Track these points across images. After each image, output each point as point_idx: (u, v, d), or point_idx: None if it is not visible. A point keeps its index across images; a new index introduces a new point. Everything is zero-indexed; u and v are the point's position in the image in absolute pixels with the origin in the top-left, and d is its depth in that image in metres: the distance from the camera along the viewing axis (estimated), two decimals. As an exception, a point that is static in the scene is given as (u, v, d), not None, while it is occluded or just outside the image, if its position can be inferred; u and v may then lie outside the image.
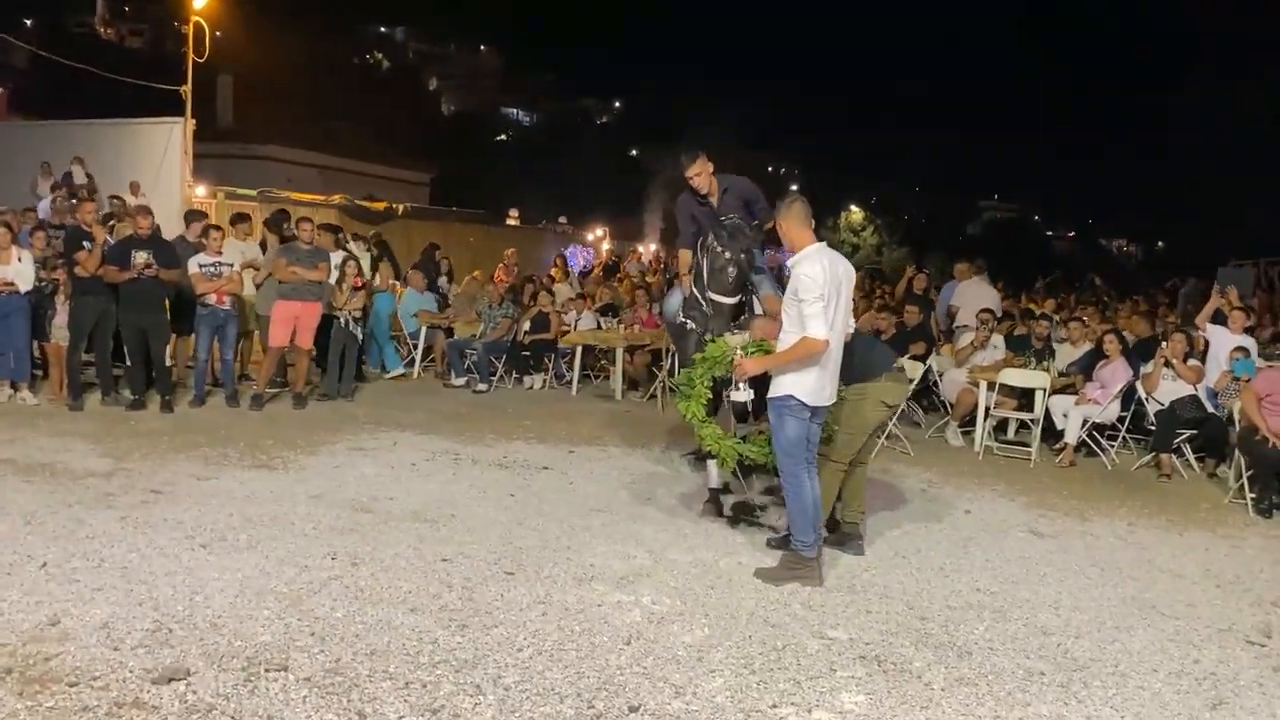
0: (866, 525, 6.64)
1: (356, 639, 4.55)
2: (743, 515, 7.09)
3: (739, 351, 5.97)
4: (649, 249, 29.88)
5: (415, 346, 13.36)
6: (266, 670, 4.17)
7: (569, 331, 13.19)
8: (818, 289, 5.41)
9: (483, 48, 70.42)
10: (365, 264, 12.62)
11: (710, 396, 6.27)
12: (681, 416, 6.47)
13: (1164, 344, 10.17)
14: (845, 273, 5.67)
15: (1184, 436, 9.80)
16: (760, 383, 5.85)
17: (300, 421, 9.67)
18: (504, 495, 7.26)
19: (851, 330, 6.00)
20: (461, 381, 12.50)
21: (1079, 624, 5.41)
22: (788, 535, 6.12)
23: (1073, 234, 72.97)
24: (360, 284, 11.16)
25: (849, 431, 6.08)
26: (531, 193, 35.08)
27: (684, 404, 6.27)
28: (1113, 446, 10.17)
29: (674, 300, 7.60)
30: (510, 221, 27.76)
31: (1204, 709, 4.47)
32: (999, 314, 12.11)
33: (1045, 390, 10.23)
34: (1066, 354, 10.92)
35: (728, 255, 6.49)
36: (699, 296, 6.80)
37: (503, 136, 62.14)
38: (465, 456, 8.48)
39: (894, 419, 6.35)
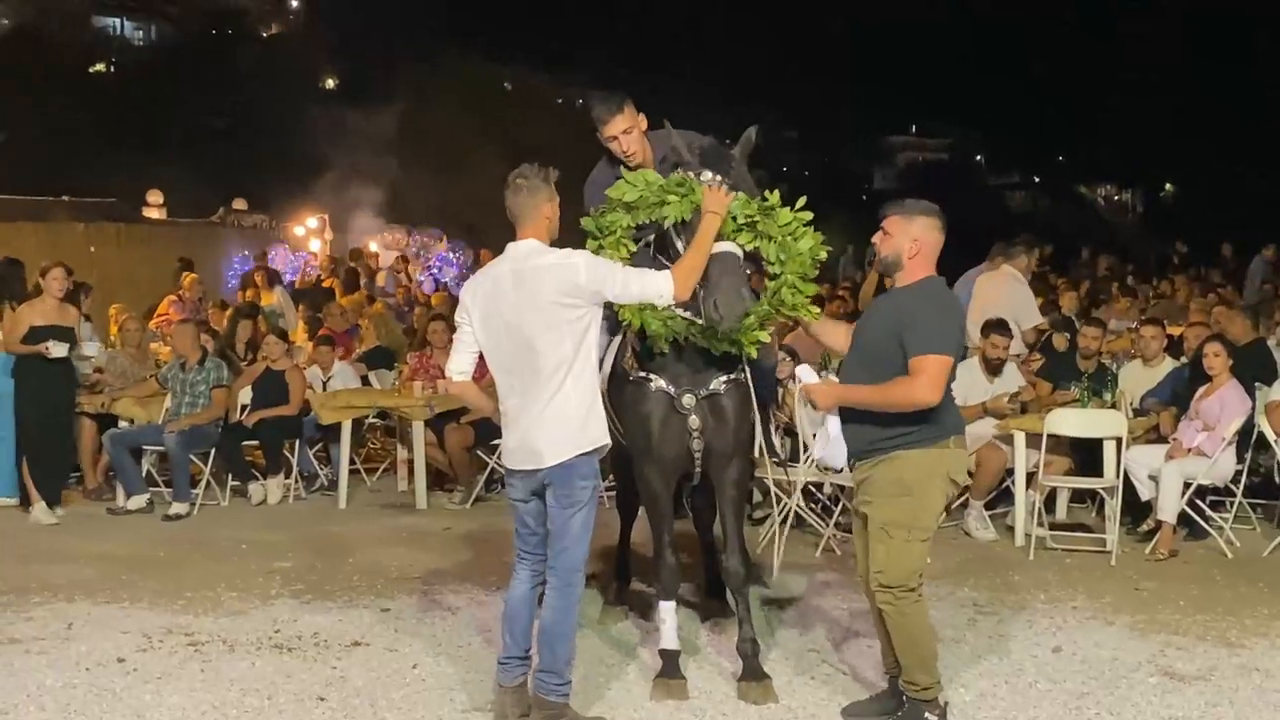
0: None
1: None
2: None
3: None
4: (391, 240, 18.12)
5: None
6: None
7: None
8: None
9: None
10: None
11: (634, 249, 4.75)
12: None
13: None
14: None
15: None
16: None
17: None
18: (308, 700, 4.85)
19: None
20: (142, 501, 7.71)
21: None
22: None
23: (1034, 180, 46.23)
24: None
25: (920, 530, 4.20)
26: (173, 160, 20.71)
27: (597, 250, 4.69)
28: (1225, 520, 7.06)
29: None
30: (151, 213, 17.75)
31: None
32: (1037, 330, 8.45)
33: (1124, 440, 6.85)
34: (1136, 378, 7.56)
35: (718, 179, 4.55)
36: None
37: (101, 66, 42.79)
38: (205, 636, 5.63)
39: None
